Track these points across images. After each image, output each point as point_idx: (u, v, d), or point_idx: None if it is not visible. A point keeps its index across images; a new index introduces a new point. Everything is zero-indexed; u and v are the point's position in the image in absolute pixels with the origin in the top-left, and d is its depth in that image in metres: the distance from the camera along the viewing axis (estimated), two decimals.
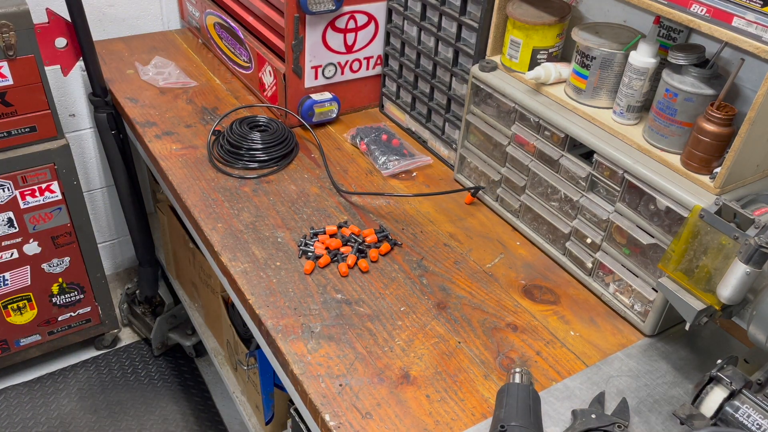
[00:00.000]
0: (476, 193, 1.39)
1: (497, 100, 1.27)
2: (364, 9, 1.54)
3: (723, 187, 0.96)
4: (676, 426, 0.93)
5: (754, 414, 0.79)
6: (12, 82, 1.52)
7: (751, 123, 0.88)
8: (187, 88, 1.74)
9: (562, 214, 1.21)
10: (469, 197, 1.39)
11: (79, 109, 2.00)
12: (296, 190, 1.39)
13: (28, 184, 1.66)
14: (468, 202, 1.39)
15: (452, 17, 1.37)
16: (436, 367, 1.01)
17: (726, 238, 0.87)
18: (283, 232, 1.26)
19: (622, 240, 1.10)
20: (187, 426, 1.95)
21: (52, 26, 1.59)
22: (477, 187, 1.38)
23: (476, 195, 1.39)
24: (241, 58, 1.74)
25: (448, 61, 1.42)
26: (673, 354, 1.07)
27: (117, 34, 1.97)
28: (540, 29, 1.18)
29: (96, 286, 1.94)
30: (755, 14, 0.84)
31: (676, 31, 1.08)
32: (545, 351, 1.06)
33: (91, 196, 2.15)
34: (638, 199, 1.05)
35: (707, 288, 0.90)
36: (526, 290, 1.18)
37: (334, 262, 1.20)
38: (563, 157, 1.16)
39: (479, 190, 1.38)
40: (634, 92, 1.06)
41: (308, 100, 1.56)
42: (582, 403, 0.96)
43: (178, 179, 1.38)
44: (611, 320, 1.13)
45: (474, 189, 1.38)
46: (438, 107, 1.50)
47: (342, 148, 1.55)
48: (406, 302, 1.13)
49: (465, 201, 1.39)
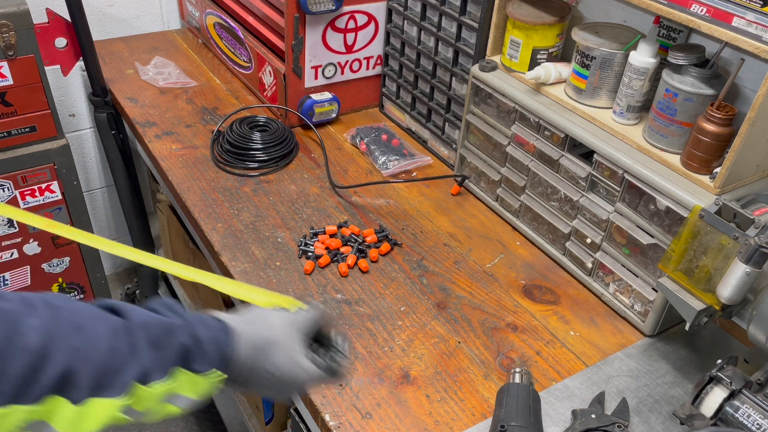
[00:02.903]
0: (462, 182, 1.41)
1: (497, 100, 1.27)
2: (364, 9, 1.54)
3: (723, 187, 0.96)
4: (676, 426, 0.93)
5: (754, 414, 0.79)
6: (12, 82, 1.52)
7: (751, 123, 0.88)
8: (187, 88, 1.74)
9: (562, 214, 1.20)
10: (456, 187, 1.41)
11: (79, 109, 2.00)
12: (296, 190, 1.39)
13: (28, 184, 1.66)
14: (454, 193, 1.41)
15: (452, 17, 1.37)
16: (436, 367, 1.01)
17: (726, 238, 0.87)
18: (283, 232, 1.26)
19: (622, 240, 1.10)
20: (187, 426, 1.95)
21: (52, 26, 1.59)
22: (463, 176, 1.40)
23: (462, 184, 1.41)
24: (241, 58, 1.74)
25: (448, 61, 1.42)
26: (673, 354, 1.07)
27: (117, 34, 1.97)
28: (540, 29, 1.18)
29: (96, 286, 1.94)
30: (755, 14, 0.84)
31: (676, 31, 1.08)
32: (545, 351, 1.06)
33: (91, 196, 2.15)
34: (638, 199, 1.05)
35: (707, 288, 0.90)
36: (526, 290, 1.18)
37: (334, 262, 1.20)
38: (563, 157, 1.16)
39: (465, 179, 1.40)
40: (634, 92, 1.06)
41: (308, 100, 1.56)
42: (582, 403, 0.96)
43: (178, 179, 1.38)
44: (611, 320, 1.13)
45: (460, 178, 1.40)
46: (438, 107, 1.50)
47: (342, 148, 1.55)
48: (406, 302, 1.13)
49: (452, 192, 1.41)
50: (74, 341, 0.57)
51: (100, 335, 0.60)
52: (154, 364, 0.62)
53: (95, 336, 0.59)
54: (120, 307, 0.64)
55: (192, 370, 0.65)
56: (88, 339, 0.59)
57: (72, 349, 0.57)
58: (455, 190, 1.41)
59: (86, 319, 0.60)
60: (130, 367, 0.60)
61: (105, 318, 0.62)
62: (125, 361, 0.60)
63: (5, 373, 0.53)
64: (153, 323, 0.64)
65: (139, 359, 0.61)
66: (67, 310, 0.60)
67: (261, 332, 0.72)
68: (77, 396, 0.57)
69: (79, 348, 0.58)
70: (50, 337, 0.56)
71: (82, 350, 0.58)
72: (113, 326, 0.61)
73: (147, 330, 0.63)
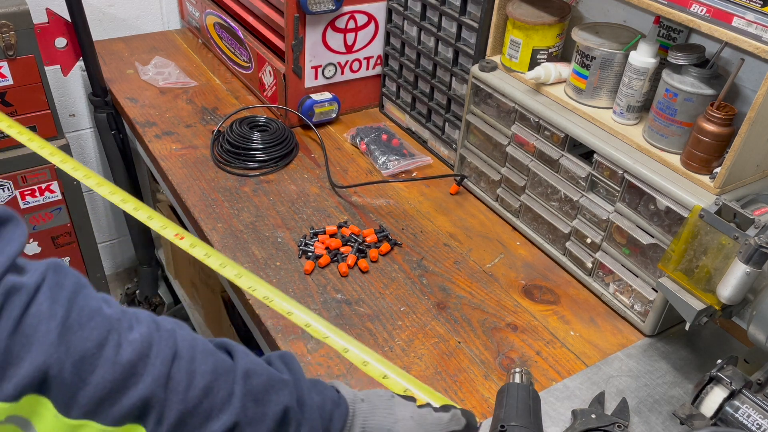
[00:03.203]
0: (461, 181, 1.41)
1: (497, 100, 1.27)
2: (364, 9, 1.54)
3: (723, 187, 0.96)
4: (676, 426, 0.93)
5: (754, 414, 0.79)
6: (12, 82, 1.52)
7: (751, 123, 0.88)
8: (187, 88, 1.74)
9: (562, 214, 1.20)
10: (455, 187, 1.41)
11: (79, 109, 2.00)
12: (296, 190, 1.39)
13: (28, 184, 1.66)
14: (453, 192, 1.41)
15: (452, 17, 1.36)
16: (436, 367, 1.01)
17: (726, 238, 0.87)
18: (283, 232, 1.26)
19: (622, 240, 1.10)
20: None
21: (52, 26, 1.59)
22: (461, 176, 1.41)
23: (461, 184, 1.42)
24: (241, 58, 1.74)
25: (448, 61, 1.42)
26: (673, 354, 1.07)
27: (117, 34, 1.97)
28: (540, 29, 1.18)
29: (96, 286, 1.94)
30: (755, 14, 0.84)
31: (676, 31, 1.08)
32: (545, 351, 1.06)
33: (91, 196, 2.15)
34: (638, 199, 1.05)
35: (707, 288, 0.90)
36: (526, 290, 1.18)
37: (334, 262, 1.20)
38: (563, 157, 1.16)
39: (464, 178, 1.41)
40: (634, 92, 1.06)
41: (308, 100, 1.56)
42: (582, 403, 0.96)
43: (178, 179, 1.38)
44: (611, 320, 1.13)
45: (459, 177, 1.41)
46: (438, 107, 1.50)
47: (342, 148, 1.55)
48: (406, 302, 1.13)
49: (450, 191, 1.42)
50: (170, 369, 0.51)
51: (201, 371, 0.53)
52: (248, 419, 0.54)
53: (196, 370, 0.53)
54: (233, 349, 0.58)
55: None
56: (186, 371, 0.52)
57: (163, 377, 0.51)
58: (454, 190, 1.41)
59: (189, 349, 0.54)
60: (223, 414, 0.53)
61: (213, 354, 0.55)
62: (219, 407, 0.53)
63: (86, 382, 0.48)
64: (259, 371, 0.56)
65: (232, 408, 0.54)
66: (171, 333, 0.54)
67: (380, 420, 0.62)
68: (156, 429, 0.51)
69: (173, 378, 0.51)
70: (144, 356, 0.50)
71: (175, 381, 0.51)
72: (219, 366, 0.54)
73: (249, 378, 0.55)
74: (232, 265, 0.80)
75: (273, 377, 0.57)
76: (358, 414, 0.61)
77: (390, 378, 0.68)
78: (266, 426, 0.55)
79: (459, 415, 0.65)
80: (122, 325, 0.51)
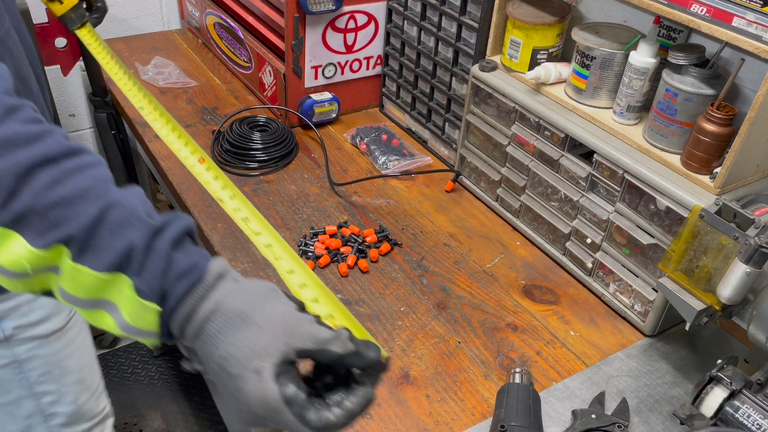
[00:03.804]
0: (456, 178, 1.41)
1: (497, 100, 1.27)
2: (364, 9, 1.54)
3: (723, 187, 0.96)
4: (676, 426, 0.93)
5: (754, 414, 0.79)
6: None
7: (751, 123, 0.88)
8: (187, 88, 1.74)
9: (562, 214, 1.20)
10: (450, 184, 1.42)
11: (79, 109, 2.00)
12: (296, 190, 1.39)
13: None
14: (449, 189, 1.41)
15: (452, 17, 1.36)
16: (436, 367, 1.01)
17: (726, 238, 0.87)
18: (283, 232, 1.26)
19: (622, 240, 1.10)
20: (187, 426, 1.95)
21: (52, 26, 1.59)
22: (456, 172, 1.41)
23: (457, 180, 1.42)
24: (241, 58, 1.74)
25: (448, 61, 1.42)
26: (673, 354, 1.07)
27: (117, 34, 1.97)
28: (540, 29, 1.18)
29: None
30: (755, 14, 0.84)
31: (676, 31, 1.08)
32: (545, 351, 1.06)
33: None
34: (638, 199, 1.05)
35: (707, 288, 0.90)
36: (526, 290, 1.18)
37: (334, 262, 1.20)
38: (563, 157, 1.16)
39: (459, 175, 1.41)
40: (634, 92, 1.06)
41: (308, 100, 1.56)
42: (582, 403, 0.96)
43: (178, 179, 1.38)
44: (611, 320, 1.13)
45: (455, 173, 1.41)
46: (438, 107, 1.50)
47: (342, 148, 1.55)
48: (406, 302, 1.13)
49: (446, 188, 1.42)
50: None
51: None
52: (88, 243, 0.51)
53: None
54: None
55: (130, 278, 0.52)
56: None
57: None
58: (449, 187, 1.41)
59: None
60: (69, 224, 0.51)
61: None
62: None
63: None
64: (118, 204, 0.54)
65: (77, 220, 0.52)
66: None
67: (240, 305, 0.54)
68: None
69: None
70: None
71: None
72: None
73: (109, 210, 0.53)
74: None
75: (135, 214, 0.54)
76: (218, 288, 0.55)
77: (308, 289, 0.63)
78: (109, 259, 0.52)
79: (345, 338, 0.55)
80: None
